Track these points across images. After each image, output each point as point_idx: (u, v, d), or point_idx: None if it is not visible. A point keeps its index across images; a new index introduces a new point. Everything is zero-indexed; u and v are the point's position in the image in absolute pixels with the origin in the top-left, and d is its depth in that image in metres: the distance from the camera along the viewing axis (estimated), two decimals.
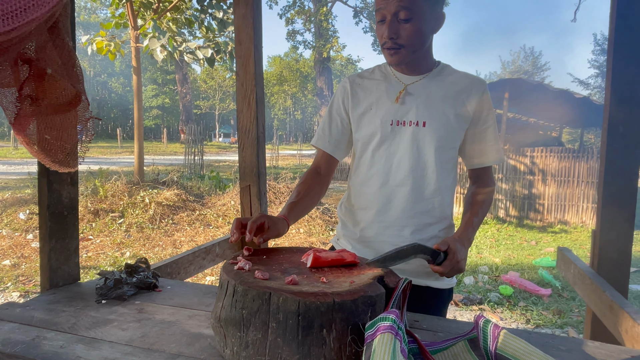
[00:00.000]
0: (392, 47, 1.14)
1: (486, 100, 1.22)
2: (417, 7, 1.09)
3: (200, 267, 1.82)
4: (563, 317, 3.45)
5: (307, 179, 1.28)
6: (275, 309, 0.71)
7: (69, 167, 0.75)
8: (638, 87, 1.58)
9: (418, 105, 1.20)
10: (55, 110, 0.66)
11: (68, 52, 0.66)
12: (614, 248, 1.64)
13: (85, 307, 1.06)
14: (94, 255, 4.81)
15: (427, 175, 1.21)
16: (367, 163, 1.26)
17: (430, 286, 1.24)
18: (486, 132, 1.24)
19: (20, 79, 0.61)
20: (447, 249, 1.04)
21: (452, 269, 1.04)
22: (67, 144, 0.70)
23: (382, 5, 1.11)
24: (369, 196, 1.25)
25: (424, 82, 1.22)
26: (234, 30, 2.06)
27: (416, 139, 1.19)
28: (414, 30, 1.11)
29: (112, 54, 6.94)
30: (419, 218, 1.22)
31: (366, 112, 1.25)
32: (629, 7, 1.56)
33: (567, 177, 7.61)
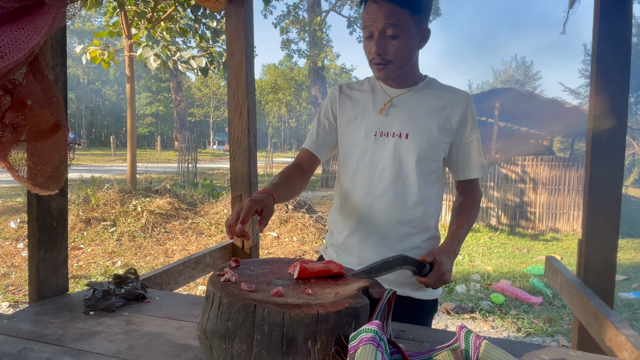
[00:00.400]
0: (380, 62, 1.17)
1: (470, 114, 1.25)
2: (404, 24, 1.12)
3: (191, 277, 1.82)
4: (554, 326, 3.47)
5: (289, 169, 1.28)
6: (260, 320, 0.72)
7: (49, 190, 0.77)
8: (621, 100, 1.62)
9: (402, 118, 1.23)
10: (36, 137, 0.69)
11: (47, 84, 0.69)
12: (600, 257, 1.67)
13: (73, 319, 1.06)
14: (85, 265, 4.77)
15: (409, 187, 1.23)
16: (351, 172, 1.29)
17: (413, 297, 1.25)
18: (470, 146, 1.26)
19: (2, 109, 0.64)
20: (433, 260, 1.06)
21: (437, 281, 1.06)
22: (47, 167, 0.73)
23: (369, 22, 1.14)
24: (353, 205, 1.28)
25: (409, 95, 1.25)
26: (226, 42, 2.09)
27: (398, 151, 1.22)
28: (401, 47, 1.15)
29: (106, 63, 6.94)
30: (400, 228, 1.23)
31: (352, 121, 1.29)
32: (612, 22, 1.60)
33: (558, 186, 7.70)
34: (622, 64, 1.60)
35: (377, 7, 1.12)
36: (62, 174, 0.76)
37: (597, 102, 1.64)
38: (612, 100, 1.62)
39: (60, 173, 0.76)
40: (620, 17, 1.58)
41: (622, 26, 1.58)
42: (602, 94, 1.63)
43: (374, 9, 1.13)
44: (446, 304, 3.87)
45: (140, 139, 42.51)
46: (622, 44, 1.59)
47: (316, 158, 1.34)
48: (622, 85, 1.62)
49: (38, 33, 0.58)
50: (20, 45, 0.56)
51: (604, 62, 1.62)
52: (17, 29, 0.58)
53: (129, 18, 7.16)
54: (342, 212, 1.33)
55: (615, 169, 1.63)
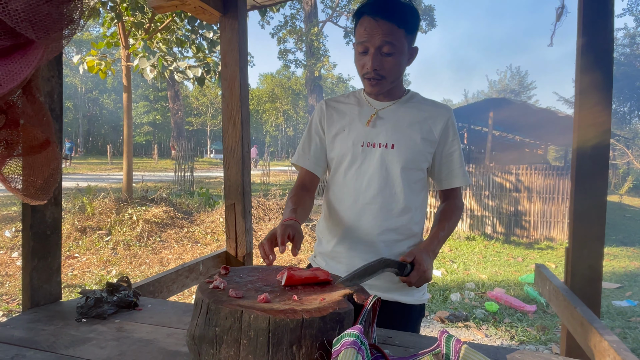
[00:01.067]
0: (374, 77, 1.22)
1: (451, 126, 1.31)
2: (399, 43, 1.18)
3: (184, 285, 1.84)
4: (547, 334, 3.48)
5: (296, 192, 1.33)
6: (246, 326, 0.75)
7: (39, 200, 0.84)
8: (604, 111, 1.66)
9: (387, 129, 1.28)
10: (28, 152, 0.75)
11: (39, 105, 0.76)
12: (586, 265, 1.70)
13: (66, 326, 1.08)
14: (79, 274, 4.76)
15: (395, 195, 1.27)
16: (339, 182, 1.32)
17: (401, 302, 1.28)
18: (452, 156, 1.32)
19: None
20: (414, 260, 1.11)
21: (419, 279, 1.11)
22: (38, 180, 0.79)
23: (365, 38, 1.19)
24: (341, 213, 1.31)
25: (394, 108, 1.31)
26: (220, 54, 2.13)
27: (385, 160, 1.27)
28: (395, 64, 1.21)
29: (103, 73, 6.99)
30: (387, 235, 1.27)
31: (339, 133, 1.33)
32: (594, 35, 1.65)
33: (552, 194, 7.75)
34: (604, 77, 1.65)
35: (376, 24, 1.17)
36: (51, 186, 0.82)
37: (582, 114, 1.68)
38: (596, 112, 1.67)
39: (50, 185, 0.81)
40: (602, 31, 1.63)
41: (604, 41, 1.63)
42: (587, 105, 1.68)
43: (372, 25, 1.17)
44: (440, 312, 3.88)
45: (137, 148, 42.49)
46: (604, 57, 1.64)
47: (315, 176, 1.39)
48: (605, 97, 1.66)
49: (29, 66, 0.67)
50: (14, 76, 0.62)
51: (587, 75, 1.67)
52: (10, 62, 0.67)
53: (127, 28, 7.23)
54: (330, 221, 1.36)
55: (599, 178, 1.67)
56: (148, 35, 6.92)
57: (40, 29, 0.67)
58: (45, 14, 0.67)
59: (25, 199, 0.77)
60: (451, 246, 7.23)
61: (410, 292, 1.29)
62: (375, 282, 1.26)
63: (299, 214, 1.22)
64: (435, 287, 4.74)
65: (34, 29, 0.66)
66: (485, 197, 8.13)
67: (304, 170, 1.40)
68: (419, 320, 1.35)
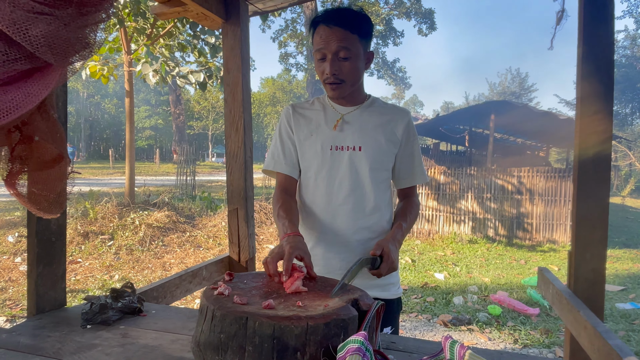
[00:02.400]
0: (334, 82, 1.28)
1: (411, 127, 1.39)
2: (354, 47, 1.26)
3: (187, 290, 1.84)
4: (551, 337, 3.47)
5: (283, 199, 1.34)
6: (251, 332, 0.75)
7: (52, 214, 0.86)
8: (605, 114, 1.67)
9: (354, 132, 1.34)
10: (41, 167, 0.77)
11: (53, 122, 0.78)
12: (589, 268, 1.69)
13: (71, 332, 1.08)
14: (82, 279, 4.77)
15: (365, 194, 1.34)
16: (311, 185, 1.38)
17: (381, 297, 1.33)
18: (413, 156, 1.40)
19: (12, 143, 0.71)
20: (382, 252, 1.16)
21: (388, 270, 1.17)
22: (51, 194, 0.80)
23: (322, 45, 1.25)
24: (315, 216, 1.37)
25: (357, 112, 1.38)
26: (223, 59, 2.14)
27: (354, 162, 1.33)
28: (352, 67, 1.27)
29: (105, 78, 7.02)
30: (361, 233, 1.34)
31: (307, 137, 1.38)
32: (595, 39, 1.66)
33: (555, 197, 7.74)
34: (605, 82, 1.65)
35: (330, 31, 1.24)
36: (64, 200, 0.84)
37: (583, 121, 1.69)
38: (597, 119, 1.67)
39: (62, 199, 0.83)
40: (603, 36, 1.63)
41: (604, 46, 1.63)
42: (588, 110, 1.68)
43: (327, 32, 1.24)
44: (443, 316, 3.88)
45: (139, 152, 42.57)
46: (605, 62, 1.64)
47: (294, 179, 1.42)
48: (606, 102, 1.66)
49: (47, 88, 0.70)
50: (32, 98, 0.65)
51: (588, 80, 1.67)
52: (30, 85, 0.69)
53: (129, 34, 7.27)
54: (305, 224, 1.40)
55: (602, 181, 1.67)
56: (150, 40, 6.96)
57: (58, 53, 0.69)
58: (64, 39, 0.69)
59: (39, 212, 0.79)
60: (453, 249, 7.22)
61: (386, 287, 1.36)
62: (354, 281, 1.29)
63: (295, 223, 1.25)
64: (438, 290, 4.73)
65: (52, 53, 0.68)
66: (487, 199, 8.12)
67: (281, 175, 1.41)
68: (398, 313, 1.43)
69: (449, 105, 69.91)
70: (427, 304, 4.28)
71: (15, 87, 0.66)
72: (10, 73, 0.66)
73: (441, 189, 8.42)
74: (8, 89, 0.67)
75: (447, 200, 8.32)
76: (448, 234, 8.15)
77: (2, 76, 0.66)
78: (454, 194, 8.31)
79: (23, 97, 0.64)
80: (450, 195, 8.31)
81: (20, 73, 0.68)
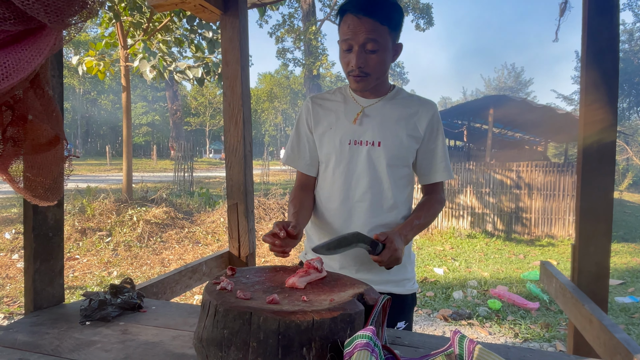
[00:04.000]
0: (359, 75, 1.22)
1: (435, 120, 1.32)
2: (383, 39, 1.19)
3: (187, 286, 1.82)
4: (551, 331, 3.47)
5: (296, 194, 1.37)
6: (256, 328, 0.73)
7: (48, 201, 0.79)
8: (610, 106, 1.65)
9: (374, 127, 1.29)
10: (36, 150, 0.71)
11: (48, 99, 0.72)
12: (593, 261, 1.68)
13: (69, 329, 1.06)
14: (80, 275, 4.74)
15: (383, 191, 1.30)
16: (329, 180, 1.35)
17: (395, 293, 1.32)
18: (435, 151, 1.34)
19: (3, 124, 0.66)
20: (386, 239, 1.12)
21: (390, 258, 1.12)
22: (47, 179, 0.75)
23: (349, 35, 1.19)
24: (332, 212, 1.34)
25: (379, 105, 1.32)
26: (222, 52, 2.11)
27: (372, 158, 1.29)
28: (379, 60, 1.21)
29: (102, 74, 6.96)
30: (377, 231, 1.29)
31: (326, 131, 1.34)
32: (599, 28, 1.64)
33: (553, 191, 7.74)
34: (610, 72, 1.63)
35: (359, 21, 1.17)
36: (60, 186, 0.78)
37: (587, 110, 1.67)
38: (601, 108, 1.65)
39: (59, 184, 0.78)
40: (607, 26, 1.61)
41: (609, 35, 1.61)
42: (592, 101, 1.66)
43: (355, 22, 1.17)
44: (443, 310, 3.87)
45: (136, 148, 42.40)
46: (609, 52, 1.62)
47: (311, 177, 1.42)
48: (611, 92, 1.65)
49: (40, 54, 0.61)
50: (24, 65, 0.58)
51: (592, 70, 1.65)
52: (20, 50, 0.60)
53: (125, 29, 7.20)
54: (320, 219, 1.38)
55: (606, 174, 1.65)
56: (147, 35, 6.89)
57: (53, 11, 0.61)
58: None
59: (34, 200, 0.74)
60: (452, 244, 7.22)
61: (401, 283, 1.34)
62: (369, 277, 1.30)
63: (300, 216, 1.27)
64: (438, 285, 4.73)
65: (46, 11, 0.60)
66: (485, 194, 8.13)
67: (300, 173, 1.42)
68: (412, 309, 1.40)
69: (447, 100, 69.89)
70: (427, 298, 4.27)
71: (4, 52, 0.58)
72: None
73: None
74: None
75: (445, 195, 8.31)
76: (447, 229, 8.15)
77: None
78: (452, 189, 8.30)
79: (14, 64, 0.56)
80: (448, 190, 8.30)
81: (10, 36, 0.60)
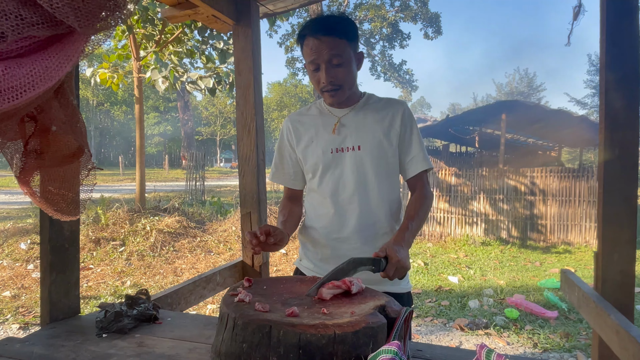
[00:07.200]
0: (332, 89, 1.31)
1: (407, 116, 1.40)
2: (345, 52, 1.28)
3: (201, 296, 1.81)
4: (571, 341, 3.38)
5: (285, 205, 1.48)
6: (275, 342, 0.71)
7: (70, 216, 0.77)
8: (631, 109, 1.60)
9: (352, 133, 1.37)
10: (59, 162, 0.69)
11: (72, 109, 0.70)
12: (617, 270, 1.63)
13: (85, 341, 1.05)
14: (94, 285, 4.77)
15: (370, 191, 1.36)
16: (317, 188, 1.42)
17: (391, 292, 1.33)
18: (411, 143, 1.39)
19: (26, 135, 0.64)
20: (386, 253, 1.12)
21: (396, 270, 1.11)
22: (69, 192, 0.72)
23: (314, 56, 1.28)
24: (322, 217, 1.41)
25: (353, 113, 1.40)
26: (234, 61, 2.11)
27: (355, 161, 1.36)
28: (346, 72, 1.30)
29: (115, 85, 7.07)
30: (368, 230, 1.36)
31: (308, 145, 1.42)
32: (619, 31, 1.60)
33: (568, 197, 7.60)
34: (630, 75, 1.59)
35: (319, 42, 1.26)
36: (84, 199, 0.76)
37: (608, 113, 1.63)
38: (622, 110, 1.61)
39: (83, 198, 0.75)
40: (627, 28, 1.58)
41: (629, 37, 1.57)
42: (612, 105, 1.62)
43: (316, 44, 1.26)
44: (459, 320, 3.80)
45: (148, 158, 42.91)
46: (630, 54, 1.58)
47: (298, 190, 1.53)
48: (632, 95, 1.60)
49: (69, 61, 0.58)
50: (51, 73, 0.55)
51: (612, 74, 1.61)
52: (48, 57, 0.58)
53: (138, 41, 7.31)
54: (313, 225, 1.45)
55: (629, 180, 1.60)
56: (159, 47, 6.99)
57: (84, 15, 0.56)
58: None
59: (56, 214, 0.72)
60: (466, 251, 7.12)
61: (396, 282, 1.33)
62: (365, 276, 1.26)
63: (287, 224, 1.38)
64: (453, 294, 4.65)
65: (76, 15, 0.56)
66: (499, 201, 8.01)
67: (286, 188, 1.52)
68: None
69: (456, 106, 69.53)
70: (442, 307, 4.20)
71: (31, 59, 0.55)
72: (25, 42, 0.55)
73: (452, 191, 8.32)
74: (23, 61, 0.56)
75: (458, 202, 8.21)
76: (460, 236, 8.03)
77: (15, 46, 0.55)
78: (465, 196, 8.20)
79: (41, 72, 0.53)
80: (461, 196, 8.20)
81: (37, 43, 0.57)
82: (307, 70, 1.36)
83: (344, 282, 0.92)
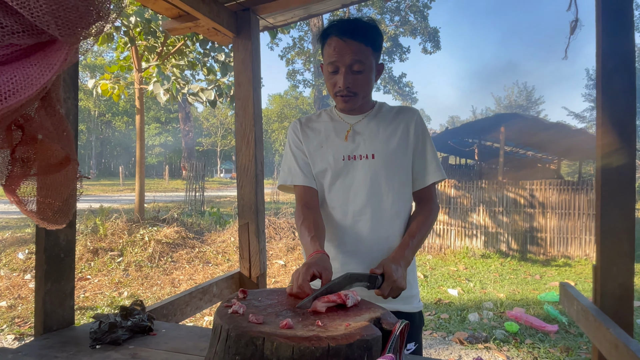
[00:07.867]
0: (347, 94, 1.26)
1: (419, 124, 1.35)
2: (368, 60, 1.24)
3: (197, 307, 1.79)
4: (571, 355, 3.34)
5: (305, 215, 1.27)
6: (269, 354, 0.70)
7: (57, 224, 0.76)
8: (628, 123, 1.61)
9: (365, 141, 1.32)
10: (46, 171, 0.69)
11: (59, 118, 0.70)
12: (616, 283, 1.62)
13: (79, 353, 1.04)
14: (91, 296, 4.73)
15: (383, 202, 1.29)
16: (325, 197, 1.35)
17: (403, 311, 1.29)
18: (425, 152, 1.35)
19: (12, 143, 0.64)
20: (383, 271, 1.08)
21: (392, 289, 1.08)
22: (56, 201, 0.72)
23: (336, 58, 1.22)
24: (332, 228, 1.33)
25: (366, 121, 1.36)
26: (234, 73, 2.13)
27: (369, 171, 1.30)
28: (365, 80, 1.26)
29: (117, 96, 7.12)
30: (381, 243, 1.29)
31: (317, 149, 1.36)
32: (614, 45, 1.62)
33: (568, 210, 7.59)
34: (626, 91, 1.60)
35: (345, 44, 1.21)
36: (70, 208, 0.76)
37: (605, 127, 1.64)
38: (619, 124, 1.62)
39: (69, 207, 0.75)
40: (622, 44, 1.59)
41: (624, 51, 1.59)
42: (609, 118, 1.63)
43: (340, 45, 1.21)
44: (459, 333, 3.76)
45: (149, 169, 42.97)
46: (625, 71, 1.60)
47: (314, 189, 1.36)
48: (628, 109, 1.61)
49: (50, 69, 0.59)
50: (32, 81, 0.56)
51: (608, 89, 1.63)
52: (29, 65, 0.58)
53: (140, 52, 7.39)
54: None
55: (627, 192, 1.60)
56: (161, 59, 7.06)
57: (65, 24, 0.58)
58: (72, 7, 0.58)
59: (42, 223, 0.71)
60: (466, 264, 7.08)
61: (408, 300, 1.30)
62: (373, 293, 1.23)
63: (320, 240, 1.18)
64: (452, 307, 4.61)
65: (57, 24, 0.57)
66: (499, 213, 8.00)
67: (300, 188, 1.35)
68: (421, 328, 1.36)
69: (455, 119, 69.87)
70: (442, 320, 4.16)
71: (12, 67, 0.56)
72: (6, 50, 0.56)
73: (452, 203, 8.31)
74: (3, 69, 0.56)
75: (458, 215, 8.20)
76: (460, 249, 8.00)
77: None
78: (464, 208, 8.20)
79: (21, 80, 0.54)
80: (461, 209, 8.19)
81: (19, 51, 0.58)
82: (323, 71, 1.30)
83: (339, 296, 0.91)
